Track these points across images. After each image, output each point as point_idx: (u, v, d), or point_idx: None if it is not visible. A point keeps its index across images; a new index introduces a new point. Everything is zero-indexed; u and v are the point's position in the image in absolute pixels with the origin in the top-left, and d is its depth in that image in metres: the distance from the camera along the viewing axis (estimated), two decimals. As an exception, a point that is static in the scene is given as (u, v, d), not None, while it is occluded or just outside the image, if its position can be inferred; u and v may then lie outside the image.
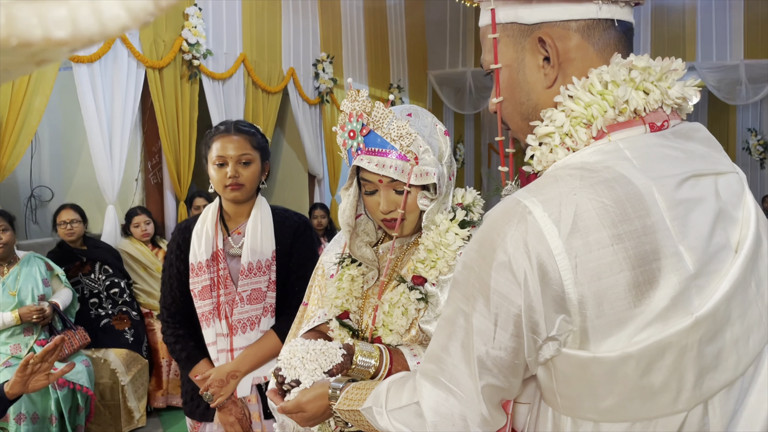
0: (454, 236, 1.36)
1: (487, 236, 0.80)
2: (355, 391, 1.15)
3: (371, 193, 1.41)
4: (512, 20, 0.88)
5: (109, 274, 4.05)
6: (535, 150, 0.87)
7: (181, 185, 4.91)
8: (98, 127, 4.21)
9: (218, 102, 5.16)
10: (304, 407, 1.23)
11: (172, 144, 4.77)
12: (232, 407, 1.99)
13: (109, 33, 0.24)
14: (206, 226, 2.05)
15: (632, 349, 0.74)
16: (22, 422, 3.24)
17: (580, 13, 0.85)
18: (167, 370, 4.29)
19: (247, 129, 2.03)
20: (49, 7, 0.23)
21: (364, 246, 1.50)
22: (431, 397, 0.88)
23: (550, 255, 0.75)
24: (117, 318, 4.01)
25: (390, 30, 8.16)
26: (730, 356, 0.77)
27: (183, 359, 2.05)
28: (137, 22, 0.24)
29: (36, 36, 0.22)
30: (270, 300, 2.03)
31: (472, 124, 10.71)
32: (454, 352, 0.85)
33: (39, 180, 4.86)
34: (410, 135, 1.33)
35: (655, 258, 0.74)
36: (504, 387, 0.85)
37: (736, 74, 8.60)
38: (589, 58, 0.86)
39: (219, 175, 1.98)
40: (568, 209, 0.75)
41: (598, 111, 0.82)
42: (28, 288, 3.48)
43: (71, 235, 3.97)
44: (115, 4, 0.23)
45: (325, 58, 6.49)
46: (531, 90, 0.89)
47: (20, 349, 3.41)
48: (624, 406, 0.78)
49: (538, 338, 0.79)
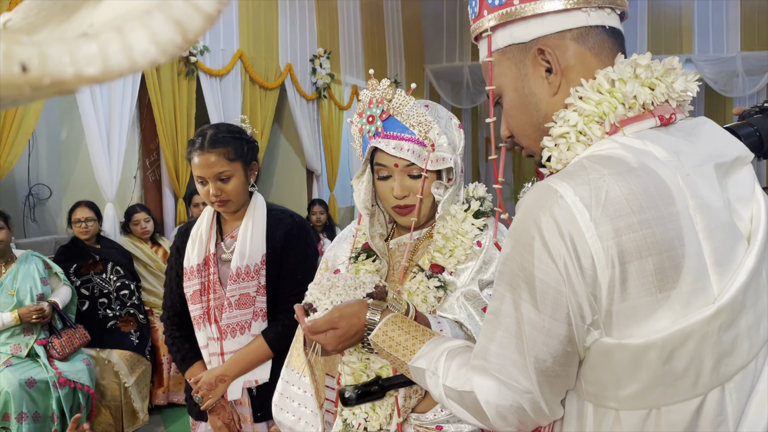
0: (470, 225, 1.40)
1: (523, 224, 0.82)
2: (397, 332, 1.11)
3: (385, 178, 1.43)
4: (509, 42, 0.93)
5: (120, 275, 4.04)
6: (552, 150, 0.89)
7: (179, 182, 4.90)
8: (96, 124, 4.20)
9: (216, 98, 5.15)
10: (337, 323, 1.17)
11: (169, 141, 4.76)
12: (221, 411, 2.00)
13: (139, 68, 0.24)
14: (201, 230, 2.05)
15: (656, 336, 0.77)
16: (24, 421, 3.24)
17: (571, 22, 0.90)
18: (168, 368, 4.29)
19: (222, 141, 1.93)
20: (80, 45, 0.23)
21: (377, 237, 1.51)
22: (484, 389, 0.89)
23: (582, 238, 0.77)
24: (124, 320, 4.01)
25: (387, 25, 8.14)
26: (744, 342, 0.81)
27: (178, 361, 2.08)
28: (166, 55, 0.24)
29: (68, 74, 0.22)
30: (260, 305, 2.01)
31: (469, 118, 10.70)
32: (506, 344, 0.86)
33: (37, 178, 4.84)
34: (429, 122, 1.37)
35: (680, 244, 0.77)
36: (561, 375, 0.85)
37: (733, 66, 8.60)
38: (587, 62, 0.90)
39: (203, 192, 1.96)
40: (599, 194, 0.78)
41: (609, 107, 0.85)
42: (27, 287, 3.47)
43: (86, 233, 3.95)
44: (144, 39, 0.23)
45: (322, 54, 6.47)
46: (539, 101, 0.93)
47: (20, 349, 3.41)
48: (646, 393, 0.80)
49: (584, 323, 0.80)
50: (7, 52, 0.21)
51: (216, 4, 0.25)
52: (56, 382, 3.36)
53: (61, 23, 0.37)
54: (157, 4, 0.24)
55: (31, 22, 0.44)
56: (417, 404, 1.42)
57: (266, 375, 2.00)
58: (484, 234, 1.44)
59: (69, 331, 3.58)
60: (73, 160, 4.96)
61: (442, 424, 1.42)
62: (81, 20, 0.32)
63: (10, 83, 0.22)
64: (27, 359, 3.42)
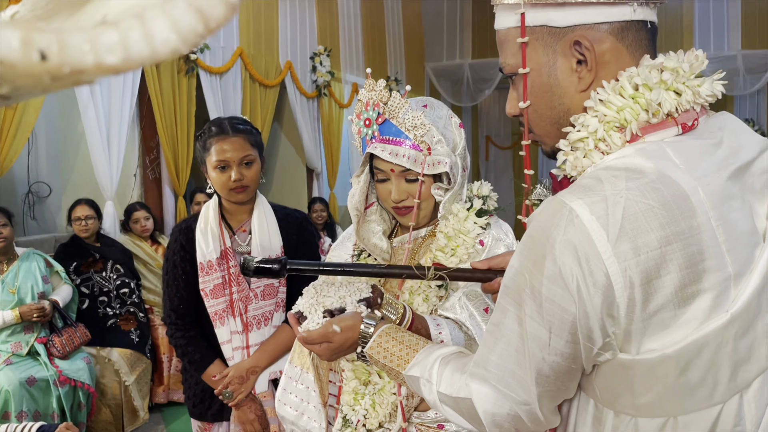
0: (473, 224, 1.39)
1: (536, 241, 0.79)
2: (392, 343, 1.12)
3: (383, 180, 1.42)
4: (542, 23, 0.86)
5: (120, 273, 4.03)
6: (568, 155, 0.86)
7: (179, 180, 4.89)
8: (96, 122, 4.19)
9: (216, 96, 5.14)
10: (332, 337, 1.17)
11: (170, 139, 4.75)
12: (251, 404, 1.99)
13: (160, 57, 0.23)
14: (210, 224, 2.04)
15: (671, 350, 0.75)
16: (24, 419, 3.23)
17: (615, 15, 0.83)
18: (168, 366, 4.28)
19: (244, 127, 1.98)
20: (100, 33, 0.22)
21: (375, 236, 1.50)
22: (481, 396, 0.88)
23: (600, 259, 0.74)
24: (124, 318, 4.00)
25: (387, 22, 8.12)
26: (762, 346, 0.79)
27: (197, 360, 2.01)
28: (188, 44, 0.24)
29: (88, 62, 0.22)
30: (282, 295, 2.05)
31: (469, 116, 10.69)
32: (507, 357, 0.84)
33: (36, 176, 4.83)
34: (424, 125, 1.35)
35: (701, 259, 0.74)
36: (561, 388, 0.85)
37: (733, 64, 8.58)
38: (622, 61, 0.85)
39: (222, 178, 1.94)
40: (616, 212, 0.74)
41: (631, 115, 0.81)
42: (28, 285, 3.46)
43: (86, 231, 3.94)
44: (165, 28, 0.23)
45: (323, 51, 6.45)
46: (564, 94, 0.87)
47: (21, 347, 3.40)
48: (662, 402, 0.78)
49: (593, 346, 0.78)
50: (25, 39, 0.20)
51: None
52: (56, 381, 3.36)
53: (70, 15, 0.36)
54: (179, -9, 0.23)
55: (39, 14, 0.43)
56: (419, 403, 1.42)
57: None
58: (487, 233, 1.43)
59: (69, 330, 3.57)
60: (73, 158, 4.94)
61: (443, 422, 1.42)
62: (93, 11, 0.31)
63: (29, 72, 0.21)
64: (27, 357, 3.41)
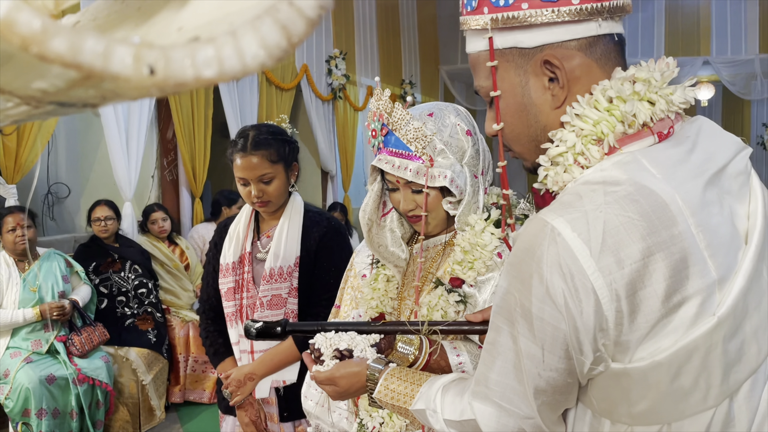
0: (490, 236, 1.35)
1: (522, 261, 0.80)
2: (397, 383, 1.14)
3: (393, 189, 1.42)
4: (511, 45, 0.87)
5: (138, 274, 4.07)
6: (549, 170, 0.87)
7: (196, 182, 4.94)
8: (115, 124, 4.24)
9: (232, 99, 5.18)
10: (337, 381, 1.21)
11: (187, 141, 4.80)
12: (249, 408, 2.03)
13: (249, 71, 0.25)
14: (238, 228, 2.07)
15: (661, 356, 0.76)
16: (44, 417, 3.28)
17: (581, 31, 0.85)
18: (184, 366, 4.32)
19: (264, 143, 1.95)
20: (198, 48, 0.24)
21: (393, 243, 1.48)
22: (485, 416, 0.90)
23: (584, 275, 0.75)
24: (141, 318, 4.04)
25: (402, 26, 8.15)
26: (751, 347, 0.79)
27: (211, 354, 2.11)
28: (273, 59, 0.25)
29: (188, 76, 0.23)
30: (291, 306, 2.02)
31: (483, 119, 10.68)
32: (506, 373, 0.86)
33: (56, 177, 4.90)
34: (426, 137, 1.32)
35: (684, 267, 0.75)
36: (561, 401, 0.86)
37: (751, 69, 8.52)
38: (593, 74, 0.86)
39: (244, 191, 1.97)
40: (597, 227, 0.75)
41: (608, 127, 0.82)
42: (49, 284, 3.51)
43: (105, 232, 3.99)
44: (254, 43, 0.24)
45: (338, 55, 6.49)
46: (539, 112, 0.89)
47: (41, 345, 3.45)
48: (657, 409, 0.79)
49: (585, 360, 0.80)
50: (137, 56, 0.22)
51: (317, 9, 0.26)
52: (75, 379, 3.40)
53: (137, 26, 0.38)
54: (266, 8, 0.25)
55: (100, 24, 0.45)
56: None
57: (294, 376, 2.02)
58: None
59: (88, 329, 3.61)
60: (92, 159, 5.00)
61: None
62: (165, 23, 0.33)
63: (139, 85, 0.23)
64: (47, 356, 3.45)
